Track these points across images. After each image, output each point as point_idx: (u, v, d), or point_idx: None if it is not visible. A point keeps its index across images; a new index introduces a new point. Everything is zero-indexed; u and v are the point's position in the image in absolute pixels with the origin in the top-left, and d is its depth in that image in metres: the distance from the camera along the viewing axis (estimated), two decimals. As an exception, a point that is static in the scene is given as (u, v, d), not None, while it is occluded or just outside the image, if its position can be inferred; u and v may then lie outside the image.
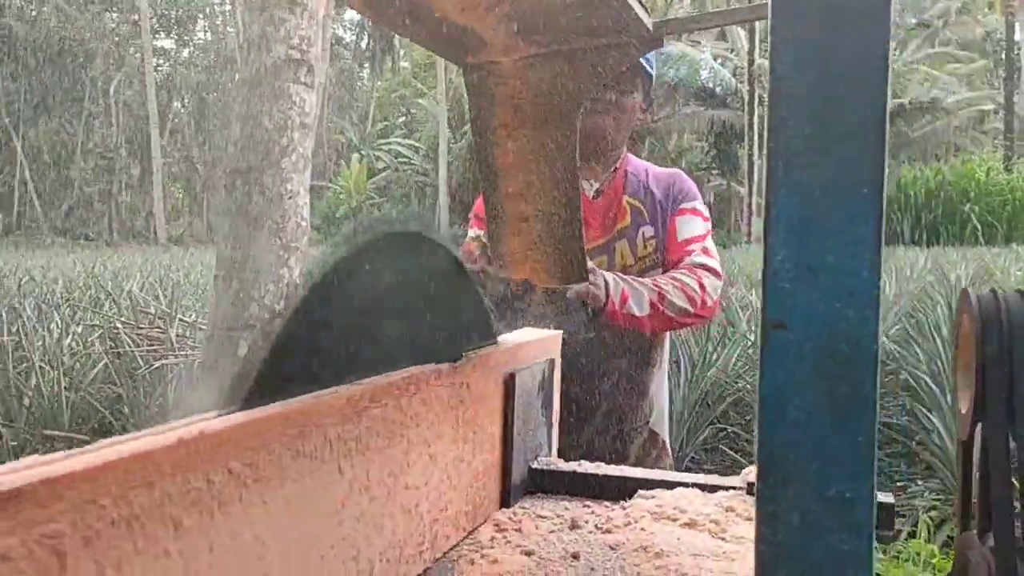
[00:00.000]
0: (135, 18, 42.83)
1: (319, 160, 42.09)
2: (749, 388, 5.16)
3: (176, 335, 5.80)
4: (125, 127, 46.76)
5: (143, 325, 6.49)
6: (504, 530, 1.22)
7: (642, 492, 1.32)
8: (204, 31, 53.46)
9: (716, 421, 4.99)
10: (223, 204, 3.91)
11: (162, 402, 4.99)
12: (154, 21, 45.12)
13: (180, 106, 52.13)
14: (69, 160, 44.76)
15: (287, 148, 3.76)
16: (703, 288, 2.07)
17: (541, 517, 1.28)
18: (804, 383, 0.46)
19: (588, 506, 1.34)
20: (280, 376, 0.75)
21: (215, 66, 46.00)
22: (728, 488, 1.33)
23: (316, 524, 0.76)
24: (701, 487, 1.32)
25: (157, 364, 5.33)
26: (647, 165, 2.29)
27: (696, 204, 2.22)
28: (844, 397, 0.46)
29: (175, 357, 5.37)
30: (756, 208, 28.00)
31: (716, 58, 32.99)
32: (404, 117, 50.38)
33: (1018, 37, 39.84)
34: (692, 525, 1.20)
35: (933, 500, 4.25)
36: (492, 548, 1.15)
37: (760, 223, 0.64)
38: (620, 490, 1.36)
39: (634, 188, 2.19)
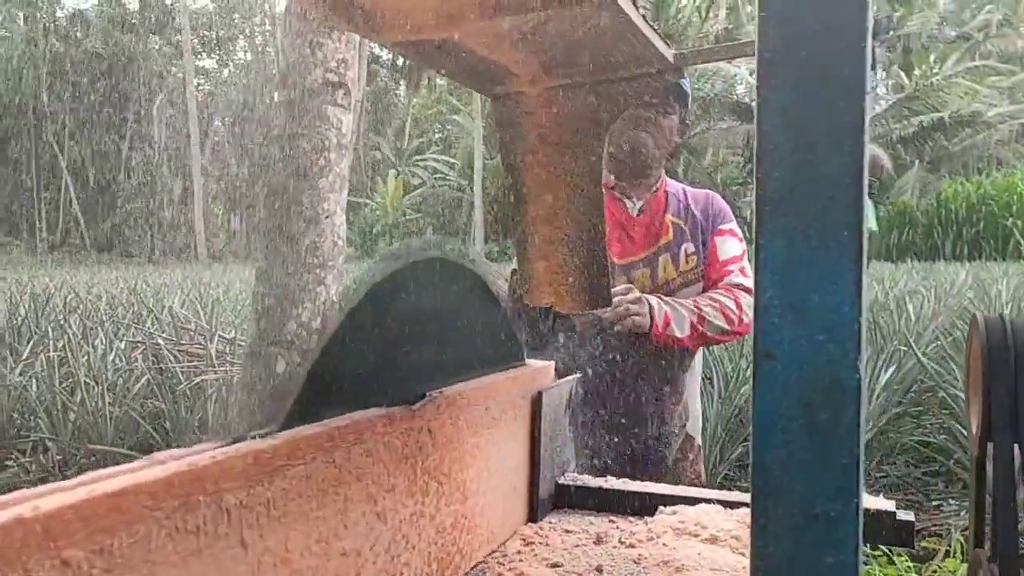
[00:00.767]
0: (178, 39, 43.70)
1: (355, 177, 42.52)
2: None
3: (216, 351, 5.92)
4: (167, 145, 47.63)
5: (184, 341, 6.63)
6: (531, 543, 1.27)
7: (665, 508, 1.36)
8: (244, 51, 54.37)
9: (750, 438, 4.97)
10: (262, 223, 4.01)
11: (202, 416, 5.10)
12: (196, 42, 45.99)
13: (220, 124, 52.97)
14: (112, 178, 45.66)
15: (324, 169, 3.85)
16: (740, 308, 2.21)
17: (567, 531, 1.32)
18: (790, 409, 0.51)
19: (613, 521, 1.38)
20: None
21: (255, 86, 46.73)
22: (749, 505, 1.36)
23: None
24: (723, 503, 1.35)
25: (197, 380, 5.44)
26: (683, 186, 2.42)
27: (732, 225, 2.38)
28: (826, 422, 0.50)
29: (215, 373, 5.48)
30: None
31: (751, 73, 32.85)
32: (440, 133, 50.76)
33: (1061, 48, 39.19)
34: (713, 541, 1.23)
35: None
36: (520, 561, 1.20)
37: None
38: (645, 506, 1.40)
39: (675, 208, 2.33)
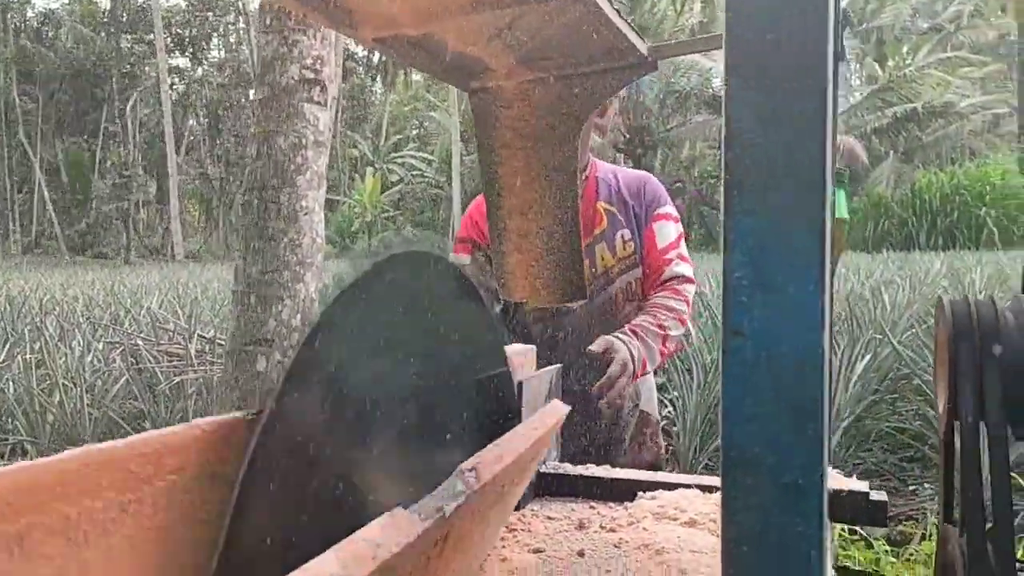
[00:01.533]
0: (150, 37, 43.31)
1: (333, 174, 42.36)
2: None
3: (195, 351, 5.90)
4: (141, 145, 47.24)
5: (163, 341, 6.60)
6: (514, 530, 1.29)
7: (645, 493, 1.39)
8: (218, 49, 53.97)
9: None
10: (240, 221, 4.00)
11: (183, 416, 5.08)
12: (169, 40, 45.60)
13: (195, 123, 52.60)
14: (87, 179, 45.24)
15: (302, 166, 3.85)
16: (688, 304, 2.27)
17: (549, 518, 1.35)
18: (759, 384, 0.53)
19: (594, 507, 1.40)
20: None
21: (230, 84, 46.41)
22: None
23: None
24: (701, 488, 1.38)
25: (177, 379, 5.42)
26: (615, 168, 2.41)
27: (668, 208, 2.36)
28: (794, 397, 0.52)
29: (195, 372, 5.46)
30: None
31: (727, 66, 32.91)
32: (417, 130, 50.69)
33: (1031, 39, 39.66)
34: (692, 524, 1.26)
35: (946, 504, 4.26)
36: (503, 547, 1.22)
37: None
38: (625, 492, 1.42)
39: (606, 194, 2.32)
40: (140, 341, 6.41)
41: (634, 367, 2.04)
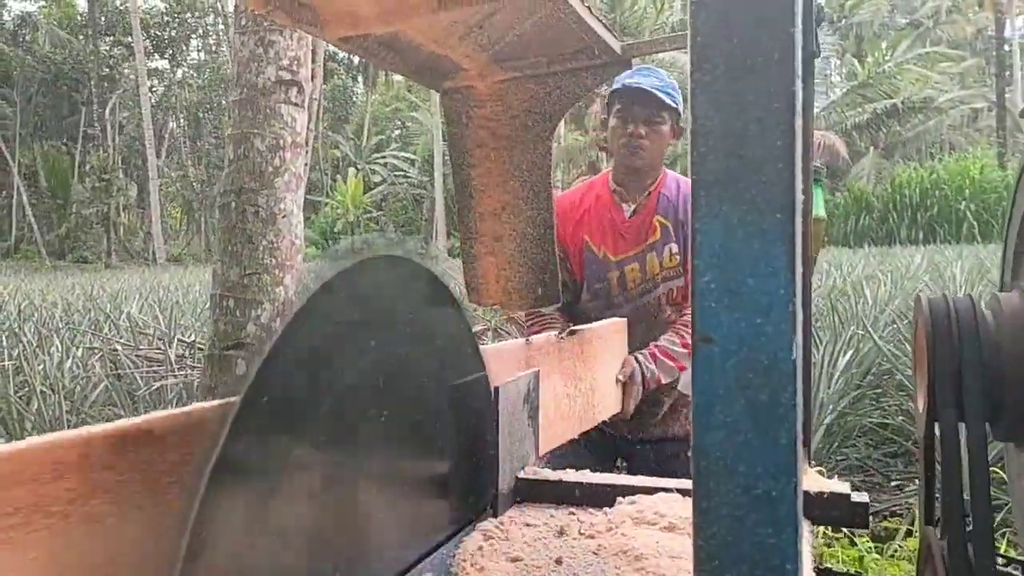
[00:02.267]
0: (129, 40, 42.97)
1: (315, 175, 42.20)
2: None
3: (175, 356, 5.84)
4: (121, 148, 46.89)
5: (142, 346, 6.54)
6: (491, 538, 1.26)
7: (624, 498, 1.37)
8: (198, 51, 53.67)
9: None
10: (218, 224, 3.96)
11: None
12: (147, 43, 45.26)
13: (175, 126, 52.29)
14: (66, 183, 44.86)
15: (280, 168, 3.81)
16: None
17: (528, 525, 1.33)
18: (730, 392, 0.51)
19: (573, 513, 1.38)
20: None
21: (209, 86, 46.14)
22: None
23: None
24: (680, 492, 1.36)
25: (157, 385, 5.37)
26: (678, 179, 2.59)
27: None
28: (765, 404, 0.50)
29: (175, 377, 5.41)
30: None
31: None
32: (399, 130, 50.51)
33: (1008, 34, 40.01)
34: (671, 528, 1.24)
35: (929, 498, 4.27)
36: (481, 556, 1.20)
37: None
38: (604, 497, 1.40)
39: (664, 208, 2.53)
40: (119, 346, 6.35)
41: (645, 385, 2.33)
